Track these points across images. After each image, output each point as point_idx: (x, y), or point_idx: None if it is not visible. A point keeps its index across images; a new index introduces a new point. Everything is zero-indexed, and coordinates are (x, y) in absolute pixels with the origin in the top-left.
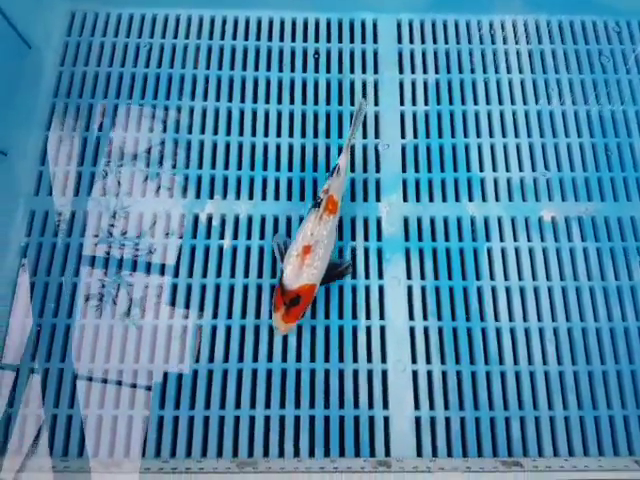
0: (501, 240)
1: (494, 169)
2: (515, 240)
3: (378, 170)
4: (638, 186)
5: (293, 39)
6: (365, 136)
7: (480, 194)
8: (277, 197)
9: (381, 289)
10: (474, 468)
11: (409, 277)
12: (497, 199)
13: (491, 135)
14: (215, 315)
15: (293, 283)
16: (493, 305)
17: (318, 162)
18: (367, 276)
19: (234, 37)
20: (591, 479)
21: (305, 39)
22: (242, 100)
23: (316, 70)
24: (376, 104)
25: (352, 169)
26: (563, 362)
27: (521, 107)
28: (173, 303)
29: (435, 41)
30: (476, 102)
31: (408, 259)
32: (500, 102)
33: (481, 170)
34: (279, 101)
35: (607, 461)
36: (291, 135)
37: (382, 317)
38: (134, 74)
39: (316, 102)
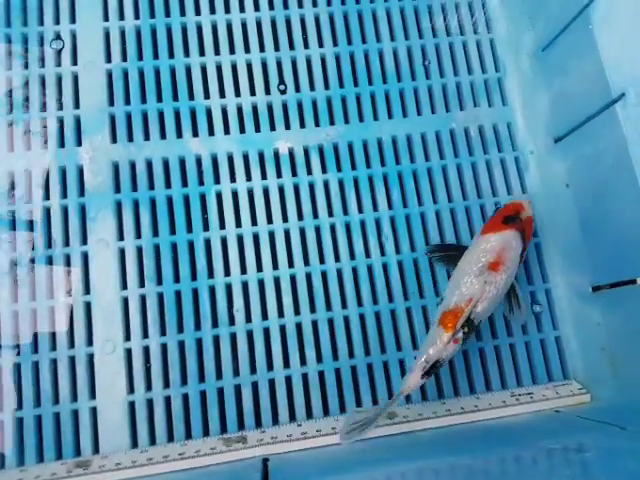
0: (232, 181)
1: (222, 95)
2: (248, 179)
3: (77, 105)
4: (387, 101)
5: None
6: (59, 63)
7: (206, 127)
8: None
9: (85, 257)
10: (189, 453)
11: (121, 237)
12: (226, 132)
13: (217, 52)
14: None
15: None
16: (223, 258)
17: None
18: (67, 243)
19: None
20: (469, 421)
21: None
22: None
23: None
24: (73, 21)
25: (43, 107)
26: (316, 310)
27: (252, 15)
28: None
29: None
30: (198, 12)
31: (120, 215)
32: (227, 10)
33: (206, 97)
34: None
35: (483, 400)
36: None
37: (87, 291)
38: None
39: None
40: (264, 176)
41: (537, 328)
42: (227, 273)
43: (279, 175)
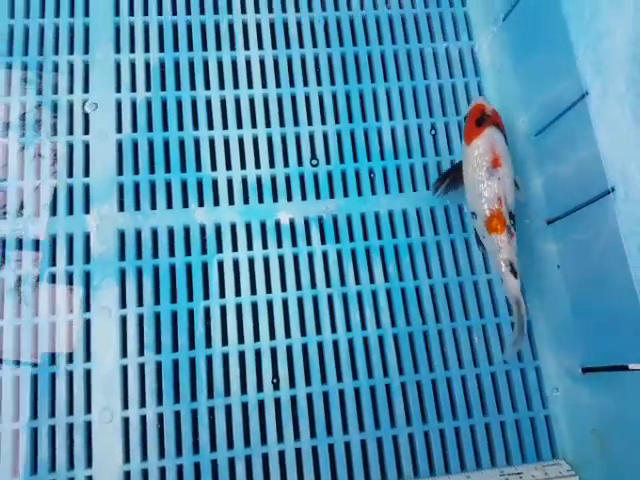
0: (234, 250)
1: (228, 167)
2: (249, 249)
3: (87, 173)
4: (384, 177)
5: None
6: (71, 132)
7: (212, 197)
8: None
9: (87, 324)
10: None
11: (123, 305)
12: (231, 202)
13: (225, 126)
14: None
15: None
16: (221, 327)
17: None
18: (70, 310)
19: None
20: None
21: (12, 15)
22: None
23: (10, 52)
24: (86, 91)
25: (54, 174)
26: (311, 382)
27: (260, 91)
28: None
29: (160, 12)
30: (208, 86)
31: (123, 283)
32: (236, 86)
33: (213, 169)
34: None
35: (473, 478)
36: None
37: (88, 359)
38: None
39: (8, 93)
40: (265, 246)
41: (527, 406)
42: (225, 342)
43: (280, 245)
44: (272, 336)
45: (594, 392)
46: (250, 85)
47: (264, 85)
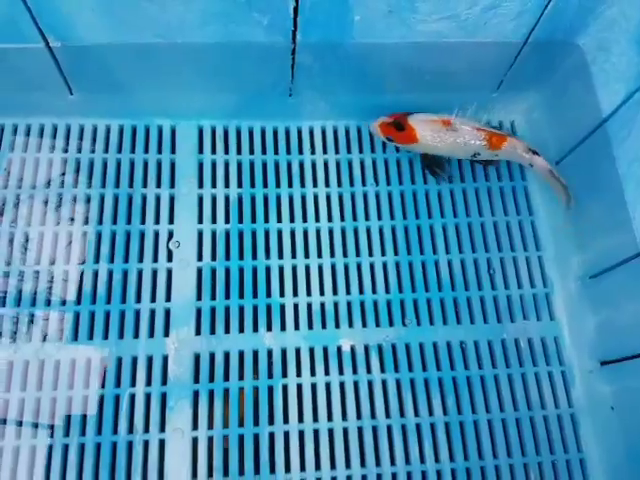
0: (298, 375)
1: (295, 294)
2: (312, 375)
3: (168, 298)
4: (442, 307)
5: (79, 150)
6: (156, 259)
7: (279, 322)
8: None
9: (162, 444)
10: None
11: (195, 427)
12: (296, 327)
13: (294, 256)
14: None
15: None
16: (285, 454)
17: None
18: (147, 429)
19: None
20: None
21: (93, 150)
22: None
23: (103, 185)
24: (171, 222)
25: (138, 299)
26: None
27: (325, 224)
28: None
29: (240, 151)
30: (280, 219)
31: (196, 405)
32: (304, 219)
33: (282, 295)
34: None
35: None
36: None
37: (161, 478)
38: None
39: (100, 222)
40: (327, 372)
41: None
42: (287, 469)
43: (341, 372)
44: (332, 465)
45: None
46: (317, 219)
47: (330, 219)
